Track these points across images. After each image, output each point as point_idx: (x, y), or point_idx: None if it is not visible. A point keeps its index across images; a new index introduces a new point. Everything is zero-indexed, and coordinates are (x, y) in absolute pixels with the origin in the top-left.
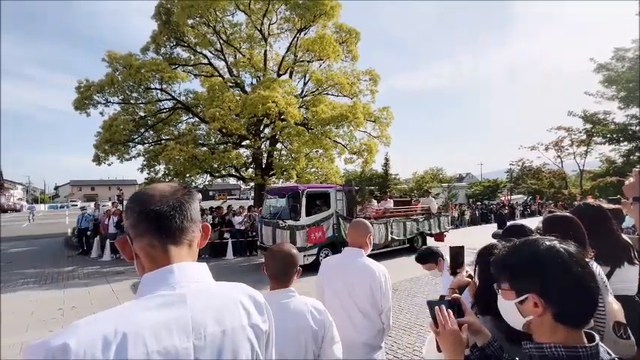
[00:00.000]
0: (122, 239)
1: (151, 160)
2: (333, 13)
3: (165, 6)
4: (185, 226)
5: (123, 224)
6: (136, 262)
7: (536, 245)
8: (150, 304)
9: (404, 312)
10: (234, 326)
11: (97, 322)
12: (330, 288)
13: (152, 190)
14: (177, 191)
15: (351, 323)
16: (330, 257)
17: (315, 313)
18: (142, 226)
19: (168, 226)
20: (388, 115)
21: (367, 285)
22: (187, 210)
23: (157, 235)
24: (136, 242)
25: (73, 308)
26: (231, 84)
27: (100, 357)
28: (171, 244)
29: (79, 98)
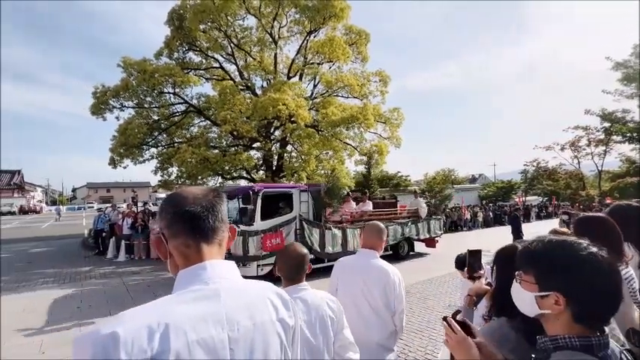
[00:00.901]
0: (157, 239)
1: (164, 163)
2: (343, 14)
3: (178, 12)
4: (216, 226)
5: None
6: (169, 260)
7: (572, 247)
8: (186, 298)
9: (415, 315)
10: (264, 320)
11: (141, 313)
12: (345, 288)
13: (185, 193)
14: (208, 193)
15: (365, 323)
16: (344, 258)
17: (330, 302)
18: (177, 227)
19: (201, 226)
20: (399, 116)
21: (381, 286)
22: (218, 211)
23: (190, 234)
24: (171, 242)
25: (90, 307)
26: (242, 87)
27: (146, 345)
28: (204, 243)
29: (96, 103)
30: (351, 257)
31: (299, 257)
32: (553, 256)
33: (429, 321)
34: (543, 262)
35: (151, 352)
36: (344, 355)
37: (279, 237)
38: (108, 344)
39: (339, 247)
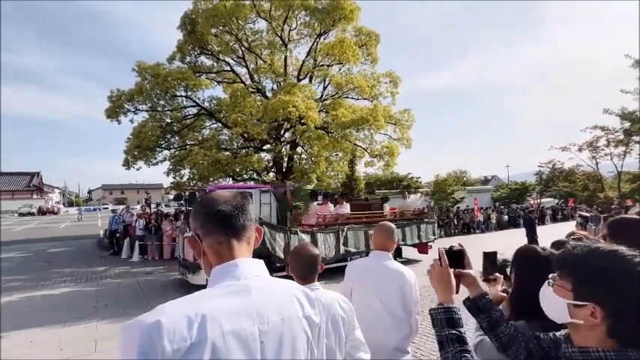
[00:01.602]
0: (192, 239)
1: (176, 165)
2: (353, 16)
3: (190, 17)
4: (246, 224)
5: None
6: (203, 259)
7: (622, 260)
8: (220, 292)
9: (427, 318)
10: (291, 316)
11: (180, 305)
12: (360, 291)
13: (216, 195)
14: (236, 195)
15: (382, 326)
16: (357, 261)
17: (341, 302)
18: (210, 225)
19: (232, 224)
20: (409, 118)
21: (398, 288)
22: (247, 211)
23: (223, 232)
24: (205, 240)
25: (106, 306)
26: (253, 90)
27: (186, 333)
28: (235, 240)
29: (111, 107)
30: (363, 260)
31: (311, 257)
32: (598, 265)
33: None
34: (585, 270)
35: (190, 339)
36: (355, 355)
37: None
38: (152, 332)
39: None
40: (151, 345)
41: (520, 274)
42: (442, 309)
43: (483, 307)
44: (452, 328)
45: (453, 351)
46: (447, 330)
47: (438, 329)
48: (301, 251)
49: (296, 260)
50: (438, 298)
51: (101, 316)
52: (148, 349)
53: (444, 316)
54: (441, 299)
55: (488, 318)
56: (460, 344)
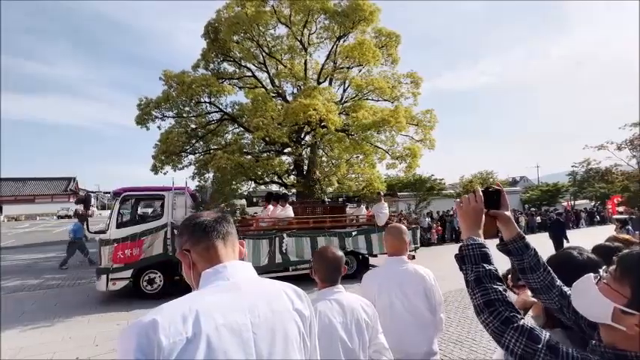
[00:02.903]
0: (181, 253)
1: (201, 169)
2: (373, 18)
3: (214, 25)
4: (230, 231)
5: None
6: (192, 272)
7: None
8: (211, 290)
9: (454, 325)
10: (282, 309)
11: (175, 304)
12: (384, 301)
13: (198, 213)
14: (217, 212)
15: (411, 333)
16: (374, 270)
17: (365, 306)
18: (198, 234)
19: (218, 230)
20: (432, 118)
21: (422, 291)
22: (229, 221)
23: (210, 238)
24: (194, 250)
25: (140, 302)
26: (274, 94)
27: (181, 328)
28: (221, 245)
29: (140, 114)
30: (379, 269)
31: (336, 260)
32: None
33: (468, 331)
34: None
35: (186, 333)
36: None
37: (137, 247)
38: (149, 329)
39: None
40: (149, 342)
41: None
42: (476, 244)
43: (515, 251)
44: (488, 264)
45: (497, 288)
46: (483, 266)
47: (471, 265)
48: (325, 253)
49: (320, 262)
50: (464, 232)
51: (135, 313)
52: (145, 344)
53: (479, 252)
54: (470, 234)
55: (519, 262)
56: (501, 283)
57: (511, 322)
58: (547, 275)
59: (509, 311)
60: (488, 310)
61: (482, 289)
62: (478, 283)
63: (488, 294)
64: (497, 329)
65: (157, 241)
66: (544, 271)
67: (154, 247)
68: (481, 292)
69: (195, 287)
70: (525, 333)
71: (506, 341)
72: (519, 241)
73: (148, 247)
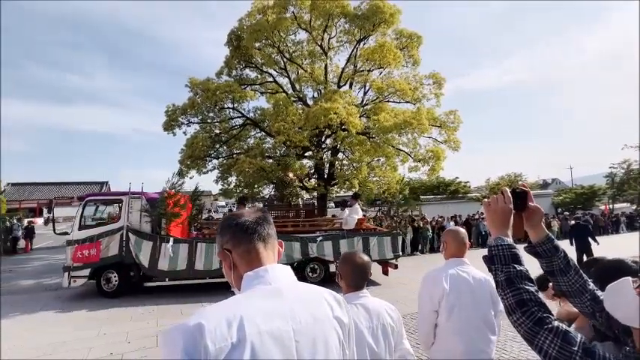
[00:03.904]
0: (222, 252)
1: (224, 173)
2: (393, 19)
3: (236, 33)
4: (270, 233)
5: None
6: (233, 272)
7: None
8: (254, 295)
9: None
10: (322, 316)
11: (219, 308)
12: (452, 302)
13: (239, 212)
14: (257, 210)
15: (481, 339)
16: (434, 272)
17: (389, 311)
18: (239, 236)
19: (259, 232)
20: (456, 119)
21: (488, 294)
22: (270, 222)
23: (251, 241)
24: (235, 251)
25: (168, 304)
26: (295, 99)
27: (226, 333)
28: (262, 248)
29: (167, 120)
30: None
31: (363, 264)
32: None
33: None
34: None
35: (231, 339)
36: None
37: (94, 248)
38: (195, 333)
39: (181, 265)
40: (195, 345)
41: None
42: (506, 245)
43: (543, 253)
44: (519, 265)
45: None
46: (514, 266)
47: (501, 266)
48: (353, 258)
49: (347, 267)
50: (493, 233)
51: (162, 315)
52: (192, 349)
53: (509, 253)
54: (499, 234)
55: (548, 264)
56: (533, 284)
57: (544, 322)
58: (579, 278)
59: (543, 312)
60: (520, 310)
61: (513, 289)
62: (509, 283)
63: (520, 294)
64: (530, 330)
65: (112, 243)
66: (575, 274)
67: (109, 248)
68: (512, 292)
69: (236, 288)
70: (560, 334)
71: (539, 342)
72: (548, 243)
73: (105, 249)
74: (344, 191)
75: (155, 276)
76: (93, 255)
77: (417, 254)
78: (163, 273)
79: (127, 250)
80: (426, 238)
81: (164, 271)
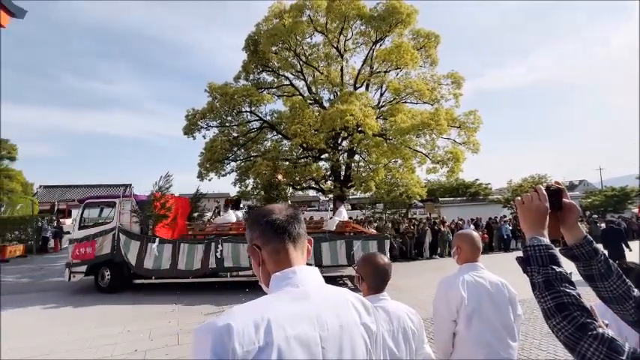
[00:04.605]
0: (252, 249)
1: (242, 175)
2: (410, 20)
3: (253, 38)
4: (301, 233)
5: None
6: (261, 268)
7: None
8: (281, 298)
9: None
10: (350, 323)
11: (247, 309)
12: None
13: (270, 207)
14: (289, 207)
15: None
16: (453, 277)
17: (410, 315)
18: (269, 234)
19: (290, 231)
20: (475, 120)
21: (507, 299)
22: (301, 220)
23: (281, 240)
24: (264, 249)
25: (186, 302)
26: (311, 101)
27: (254, 336)
28: (292, 248)
29: (188, 125)
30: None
31: (385, 266)
32: None
33: (522, 348)
34: None
35: (258, 342)
36: None
37: (90, 246)
38: (224, 334)
39: (164, 264)
40: (223, 346)
41: None
42: (542, 245)
43: (582, 256)
44: (557, 266)
45: (569, 291)
46: (552, 268)
47: (538, 267)
48: (375, 259)
49: (369, 269)
50: (527, 233)
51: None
52: (220, 350)
53: (546, 253)
54: (534, 234)
55: (586, 268)
56: (574, 287)
57: (588, 329)
58: (621, 284)
59: (586, 317)
60: (560, 314)
61: (552, 291)
62: (547, 286)
63: (561, 297)
64: (571, 336)
65: (105, 242)
66: (618, 279)
67: (103, 247)
68: (552, 295)
69: (263, 284)
70: (606, 342)
71: (582, 350)
72: (586, 246)
73: (99, 247)
74: (360, 193)
75: (141, 274)
76: (89, 253)
77: (436, 257)
78: (149, 271)
79: (117, 249)
80: (445, 241)
81: (149, 269)
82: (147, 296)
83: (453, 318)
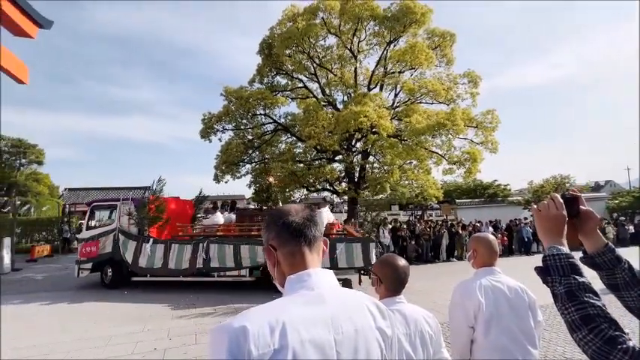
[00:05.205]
0: (267, 249)
1: (257, 177)
2: (424, 19)
3: (267, 42)
4: (317, 235)
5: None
6: (276, 269)
7: None
8: (296, 301)
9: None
10: (364, 326)
11: (262, 311)
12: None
13: (287, 207)
14: (305, 207)
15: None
16: (469, 282)
17: (427, 318)
18: (285, 236)
19: (306, 235)
20: (494, 119)
21: (526, 304)
22: (317, 222)
23: (297, 242)
24: (280, 250)
25: (207, 301)
26: (325, 103)
27: (269, 339)
28: (307, 250)
29: (204, 128)
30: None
31: (403, 269)
32: None
33: (545, 355)
34: None
35: (273, 345)
36: None
37: (95, 246)
38: (240, 335)
39: (157, 263)
40: (239, 347)
41: None
42: (562, 254)
43: (604, 264)
44: (579, 276)
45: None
46: (574, 277)
47: (559, 277)
48: (394, 262)
49: (387, 271)
50: (546, 242)
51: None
52: (236, 351)
53: (567, 262)
54: (552, 242)
55: (610, 277)
56: (598, 297)
57: (617, 342)
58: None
59: (614, 329)
60: (586, 327)
61: (576, 303)
62: (570, 297)
63: (585, 308)
64: (600, 350)
65: (107, 242)
66: None
67: (105, 246)
68: (576, 306)
69: (278, 284)
70: (637, 356)
71: None
72: (608, 254)
73: (102, 246)
74: (375, 195)
75: (137, 272)
76: (93, 251)
77: (454, 260)
78: (143, 269)
79: (117, 249)
80: (463, 244)
81: (143, 267)
82: (165, 296)
83: (471, 324)
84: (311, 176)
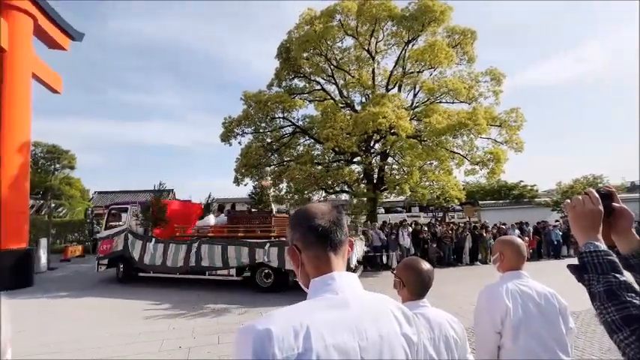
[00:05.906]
0: (292, 250)
1: (276, 180)
2: (444, 17)
3: (285, 45)
4: (342, 239)
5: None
6: (300, 269)
7: None
8: (320, 305)
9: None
10: (389, 332)
11: (287, 315)
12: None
13: (313, 208)
14: (333, 209)
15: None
16: (495, 286)
17: (452, 323)
18: (310, 239)
19: (332, 239)
20: (518, 117)
21: (556, 310)
22: (343, 225)
23: (322, 246)
24: (304, 252)
25: (225, 303)
26: (342, 105)
27: (293, 343)
28: (333, 254)
29: (224, 132)
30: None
31: (427, 273)
32: None
33: None
34: None
35: (297, 349)
36: None
37: (110, 244)
38: (264, 338)
39: (157, 261)
40: (263, 350)
41: None
42: (600, 251)
43: (638, 266)
44: (619, 274)
45: (637, 302)
46: (614, 276)
47: (597, 275)
48: (418, 265)
49: (411, 274)
50: (581, 238)
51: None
52: (260, 351)
53: (605, 260)
54: (588, 239)
55: None
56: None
57: None
58: None
59: None
60: (629, 328)
61: (616, 302)
62: (610, 296)
63: (628, 308)
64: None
65: (119, 241)
66: None
67: (118, 244)
68: (616, 306)
69: (302, 284)
70: None
71: None
72: None
73: (115, 245)
74: (394, 196)
75: (142, 268)
76: (108, 249)
77: (477, 264)
78: (146, 266)
79: (126, 247)
80: (487, 248)
81: (146, 264)
82: (188, 295)
83: (497, 330)
84: (329, 178)
